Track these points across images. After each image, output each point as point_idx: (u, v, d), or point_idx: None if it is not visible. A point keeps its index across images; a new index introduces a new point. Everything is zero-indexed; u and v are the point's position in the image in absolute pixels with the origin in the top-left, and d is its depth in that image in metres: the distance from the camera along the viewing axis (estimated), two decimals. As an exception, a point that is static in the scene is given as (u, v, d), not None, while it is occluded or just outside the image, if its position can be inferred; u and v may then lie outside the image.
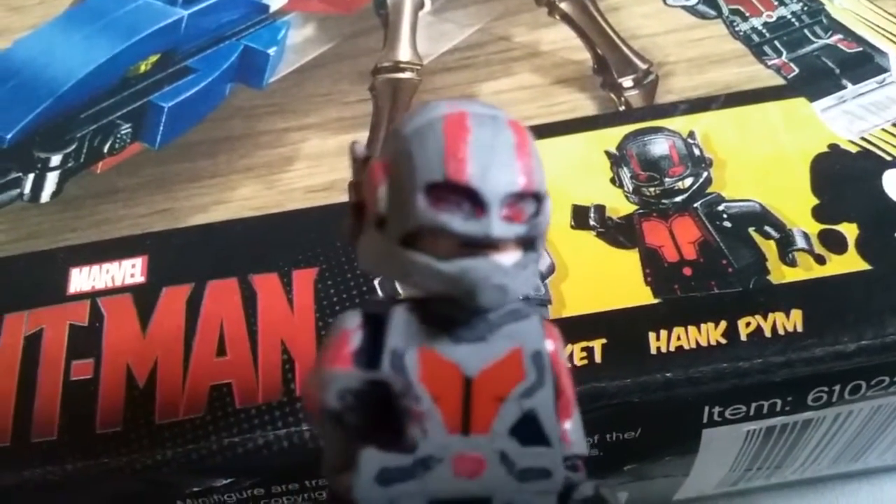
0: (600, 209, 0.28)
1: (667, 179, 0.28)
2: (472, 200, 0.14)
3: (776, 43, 0.31)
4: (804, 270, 0.26)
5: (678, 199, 0.28)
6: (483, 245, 0.14)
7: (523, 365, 0.15)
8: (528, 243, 0.15)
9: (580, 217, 0.27)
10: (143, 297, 0.27)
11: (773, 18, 0.32)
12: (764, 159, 0.28)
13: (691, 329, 0.25)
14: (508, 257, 0.15)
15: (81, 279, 0.27)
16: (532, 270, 0.15)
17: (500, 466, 0.15)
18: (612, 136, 0.29)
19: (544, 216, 0.15)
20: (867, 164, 0.28)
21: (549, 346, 0.16)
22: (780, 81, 0.30)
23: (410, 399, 0.14)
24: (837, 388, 0.25)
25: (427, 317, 0.15)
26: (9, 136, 0.31)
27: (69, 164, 0.31)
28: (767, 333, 0.25)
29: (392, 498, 0.14)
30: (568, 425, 0.16)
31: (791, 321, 0.25)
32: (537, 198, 0.15)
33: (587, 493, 0.16)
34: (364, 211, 0.16)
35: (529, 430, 0.15)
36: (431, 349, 0.15)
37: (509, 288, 0.15)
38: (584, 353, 0.24)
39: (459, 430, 0.15)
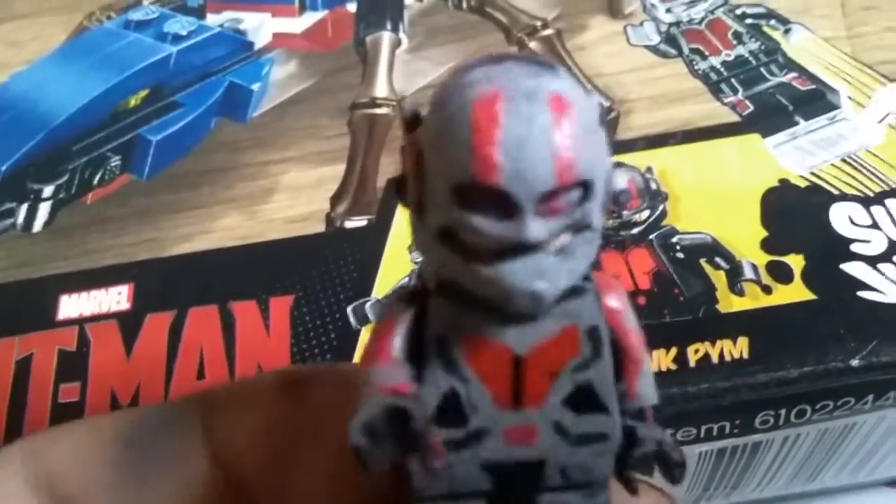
0: (563, 241, 0.29)
1: (624, 212, 0.29)
2: (504, 201, 0.13)
3: (733, 81, 0.33)
4: (751, 300, 0.27)
5: (635, 231, 0.29)
6: (520, 247, 0.13)
7: (578, 341, 0.15)
8: (579, 227, 0.14)
9: (544, 248, 0.29)
10: (128, 324, 0.28)
11: (732, 57, 0.34)
12: (717, 193, 0.30)
13: (644, 356, 0.26)
14: (549, 253, 0.14)
15: (70, 306, 0.29)
16: (584, 252, 0.14)
17: (555, 435, 0.15)
18: (574, 171, 0.31)
19: (596, 198, 0.14)
20: (815, 198, 0.29)
21: (614, 302, 0.15)
22: (735, 118, 0.32)
23: (428, 431, 0.14)
24: (783, 412, 0.27)
25: (471, 302, 0.14)
26: (3, 168, 0.33)
27: (61, 195, 0.32)
28: (715, 360, 0.26)
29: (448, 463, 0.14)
30: (635, 380, 0.15)
31: (738, 348, 0.26)
32: (584, 185, 0.13)
33: (648, 449, 0.15)
34: (403, 187, 0.14)
35: (585, 399, 0.15)
36: (478, 333, 0.14)
37: (546, 294, 0.14)
38: (543, 378, 0.26)
39: (511, 405, 0.14)
